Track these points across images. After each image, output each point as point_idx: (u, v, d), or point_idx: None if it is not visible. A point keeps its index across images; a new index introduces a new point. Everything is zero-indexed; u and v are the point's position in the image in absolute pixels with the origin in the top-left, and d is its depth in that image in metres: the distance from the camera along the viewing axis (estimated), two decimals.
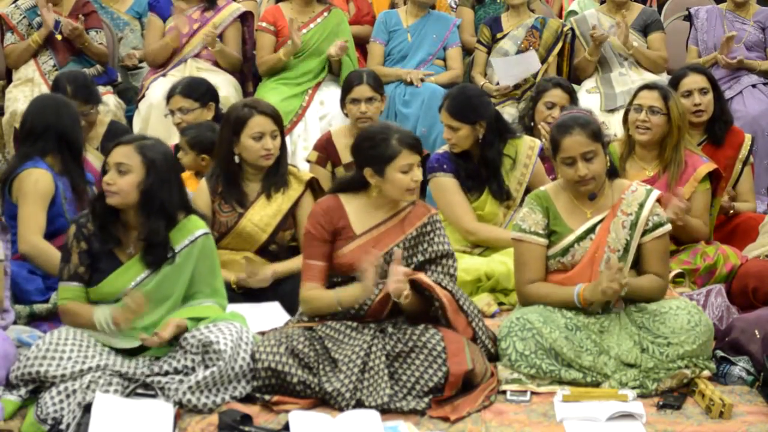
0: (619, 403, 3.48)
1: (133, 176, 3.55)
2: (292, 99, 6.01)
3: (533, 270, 3.84)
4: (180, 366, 3.49)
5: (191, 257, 3.65)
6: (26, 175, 4.23)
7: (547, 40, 6.32)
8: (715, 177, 4.67)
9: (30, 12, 6.18)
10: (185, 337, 3.53)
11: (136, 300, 3.46)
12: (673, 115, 4.57)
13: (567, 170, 3.82)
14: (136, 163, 3.56)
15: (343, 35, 6.17)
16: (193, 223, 3.68)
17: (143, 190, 3.55)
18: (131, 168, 3.55)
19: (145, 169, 3.56)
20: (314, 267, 3.71)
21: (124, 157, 3.57)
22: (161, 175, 3.57)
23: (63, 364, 3.45)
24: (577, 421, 3.40)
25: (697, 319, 3.70)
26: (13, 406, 3.43)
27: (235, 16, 6.22)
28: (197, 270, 3.67)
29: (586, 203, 3.88)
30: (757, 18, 6.31)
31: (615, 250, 3.81)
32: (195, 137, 4.80)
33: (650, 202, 3.84)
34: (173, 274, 3.63)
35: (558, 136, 3.81)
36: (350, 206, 3.75)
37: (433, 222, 3.76)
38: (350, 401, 3.45)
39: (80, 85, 5.03)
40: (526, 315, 3.72)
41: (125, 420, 3.29)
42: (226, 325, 3.56)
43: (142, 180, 3.55)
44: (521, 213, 3.92)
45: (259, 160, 4.28)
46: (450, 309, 3.65)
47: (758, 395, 3.61)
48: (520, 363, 3.64)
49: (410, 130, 5.71)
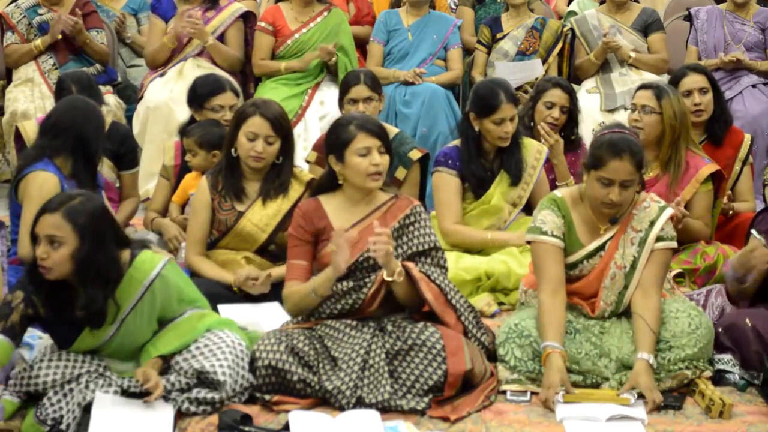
0: (620, 407, 3.45)
1: (66, 248, 3.30)
2: (292, 99, 6.01)
3: (552, 274, 3.71)
4: (175, 388, 3.43)
5: (152, 302, 3.46)
6: (32, 178, 4.17)
7: (547, 41, 6.32)
8: (717, 178, 4.67)
9: (30, 11, 6.18)
10: (177, 360, 3.47)
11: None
12: (665, 114, 4.56)
13: (599, 190, 3.69)
14: (68, 232, 3.30)
15: (343, 35, 6.18)
16: (143, 269, 3.44)
17: (77, 259, 3.31)
18: (64, 239, 3.30)
19: (77, 237, 3.31)
20: (296, 266, 3.72)
21: (54, 228, 3.30)
22: (95, 239, 3.33)
23: (57, 371, 3.42)
24: (578, 421, 3.39)
25: (697, 322, 3.68)
26: (12, 407, 3.42)
27: (236, 15, 6.22)
28: (163, 307, 3.50)
29: (602, 220, 3.79)
30: (757, 19, 6.30)
31: (622, 266, 3.75)
32: (202, 135, 4.79)
33: (662, 220, 3.75)
34: (137, 323, 3.46)
35: (606, 156, 3.65)
36: (329, 206, 3.75)
37: (416, 213, 3.74)
38: (350, 399, 3.45)
39: (84, 86, 5.01)
40: (524, 322, 3.70)
41: (125, 419, 3.29)
42: (218, 342, 3.49)
43: (75, 249, 3.31)
44: (541, 215, 3.81)
45: (248, 160, 4.27)
46: (436, 303, 3.65)
47: (758, 395, 3.61)
48: (519, 368, 3.63)
49: (411, 130, 5.84)
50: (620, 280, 3.75)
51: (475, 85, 4.99)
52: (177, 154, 5.03)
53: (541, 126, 5.02)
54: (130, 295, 3.43)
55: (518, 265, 4.44)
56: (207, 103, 5.02)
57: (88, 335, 3.46)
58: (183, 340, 3.50)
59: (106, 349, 3.50)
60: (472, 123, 4.67)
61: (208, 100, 5.02)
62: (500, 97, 4.60)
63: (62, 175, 4.22)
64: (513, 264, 4.49)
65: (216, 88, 5.05)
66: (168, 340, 3.50)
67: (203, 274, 4.26)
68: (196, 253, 4.33)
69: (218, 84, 5.10)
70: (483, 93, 4.67)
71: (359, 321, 3.68)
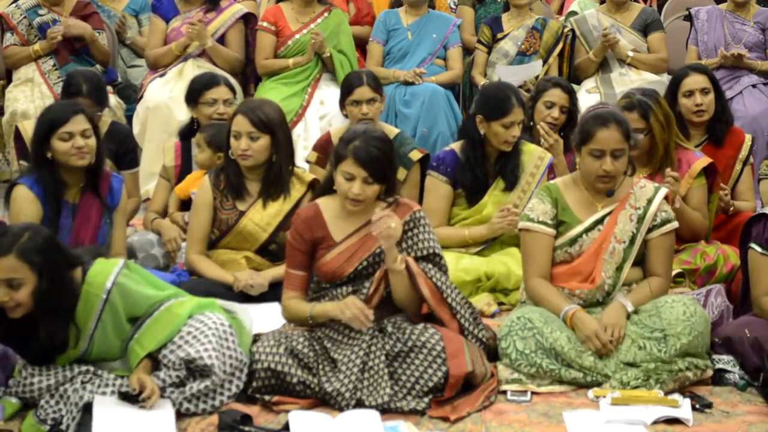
0: (667, 408, 3.44)
1: (26, 287, 3.28)
2: (292, 98, 6.01)
3: (538, 262, 3.85)
4: (167, 384, 3.41)
5: (114, 311, 3.43)
6: (15, 197, 4.13)
7: (547, 41, 6.32)
8: (710, 172, 4.67)
9: (30, 12, 6.19)
10: (164, 354, 3.44)
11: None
12: (655, 131, 4.53)
13: (592, 163, 3.80)
14: (25, 273, 3.27)
15: (343, 36, 6.18)
16: (96, 282, 3.40)
17: (38, 296, 3.29)
18: (23, 280, 3.27)
19: (35, 274, 3.28)
20: (294, 277, 3.72)
21: (11, 271, 3.26)
22: (52, 273, 3.30)
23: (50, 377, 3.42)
24: (578, 421, 3.39)
25: (692, 310, 3.68)
26: (12, 408, 3.42)
27: (237, 17, 6.23)
28: (129, 310, 3.46)
29: (598, 197, 3.88)
30: (758, 19, 6.30)
31: (621, 241, 3.83)
32: (213, 135, 4.86)
33: (658, 198, 3.86)
34: (107, 333, 3.44)
35: (593, 127, 3.79)
36: (328, 213, 3.73)
37: (416, 219, 3.72)
38: (350, 401, 3.45)
39: (95, 86, 5.02)
40: (527, 314, 3.72)
41: (127, 419, 3.28)
42: (199, 327, 3.46)
43: (35, 287, 3.28)
44: (530, 204, 3.94)
45: (239, 159, 4.29)
46: (432, 299, 3.65)
47: (758, 395, 3.61)
48: (520, 362, 3.64)
49: (411, 130, 5.84)
50: (619, 253, 3.82)
51: (483, 87, 4.98)
52: (177, 154, 5.04)
53: (541, 126, 5.02)
54: (90, 312, 3.40)
55: (518, 266, 4.42)
56: (201, 98, 5.10)
57: (63, 355, 3.45)
58: (167, 332, 3.46)
59: (88, 357, 3.48)
60: (478, 125, 4.65)
61: (202, 94, 5.10)
62: (512, 101, 4.59)
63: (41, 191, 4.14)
64: (513, 265, 4.49)
65: (209, 82, 5.15)
66: (152, 335, 3.46)
67: (203, 274, 4.26)
68: (196, 252, 4.33)
69: (212, 78, 5.21)
70: (494, 95, 4.63)
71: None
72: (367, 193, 3.62)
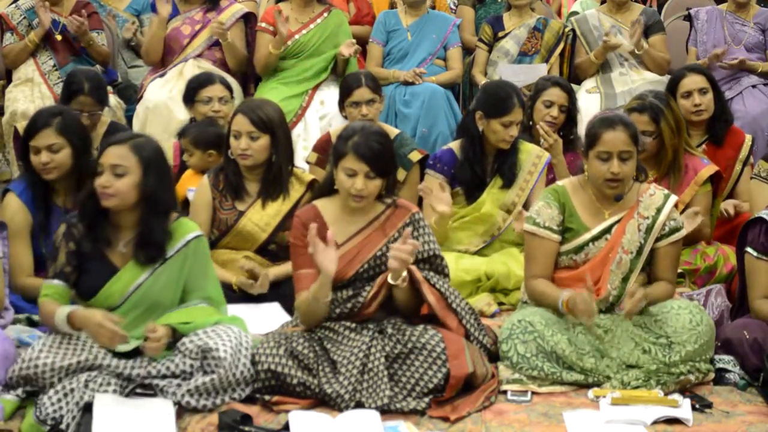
0: (667, 408, 3.45)
1: (131, 177, 3.48)
2: (292, 99, 6.01)
3: (541, 265, 3.84)
4: (178, 370, 3.45)
5: (184, 260, 3.59)
6: (5, 205, 4.14)
7: (548, 41, 6.32)
8: (715, 179, 4.67)
9: (30, 12, 6.18)
10: (183, 341, 3.49)
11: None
12: (665, 135, 4.54)
13: (599, 166, 3.77)
14: (133, 163, 3.48)
15: (343, 36, 6.17)
16: (185, 227, 3.62)
17: (143, 190, 3.49)
18: (128, 169, 3.48)
19: (142, 169, 3.49)
20: (304, 276, 3.67)
21: (119, 158, 3.49)
22: (159, 174, 3.52)
23: (56, 360, 3.41)
24: (578, 421, 3.39)
25: (698, 319, 3.69)
26: (12, 406, 3.42)
27: (237, 17, 6.22)
28: (190, 273, 3.62)
29: (605, 203, 3.85)
30: (758, 19, 6.30)
31: (628, 251, 3.79)
32: (197, 135, 4.83)
33: (668, 207, 3.82)
34: (166, 278, 3.57)
35: (600, 130, 3.77)
36: (328, 215, 3.72)
37: (416, 221, 3.72)
38: (350, 403, 3.44)
39: (96, 85, 5.03)
40: (528, 317, 3.71)
41: (127, 419, 3.28)
42: (225, 329, 3.52)
43: (140, 181, 3.49)
44: (536, 206, 3.89)
45: (238, 159, 4.29)
46: (438, 307, 3.64)
47: (758, 395, 3.61)
48: (521, 365, 3.63)
49: (411, 130, 5.84)
50: (626, 264, 3.79)
51: (485, 84, 4.98)
52: (176, 154, 5.04)
53: (540, 125, 5.02)
54: (169, 246, 3.56)
55: (518, 266, 4.43)
56: (197, 96, 5.16)
57: (116, 282, 3.52)
58: (194, 319, 3.53)
59: (123, 307, 3.52)
60: (477, 122, 4.65)
61: (198, 93, 5.16)
62: (513, 100, 4.61)
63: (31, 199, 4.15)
64: (513, 265, 4.50)
65: (205, 81, 5.21)
66: (180, 315, 3.56)
67: None
68: None
69: (208, 77, 5.27)
70: (496, 93, 4.65)
71: (359, 323, 3.67)
72: (369, 188, 3.63)
